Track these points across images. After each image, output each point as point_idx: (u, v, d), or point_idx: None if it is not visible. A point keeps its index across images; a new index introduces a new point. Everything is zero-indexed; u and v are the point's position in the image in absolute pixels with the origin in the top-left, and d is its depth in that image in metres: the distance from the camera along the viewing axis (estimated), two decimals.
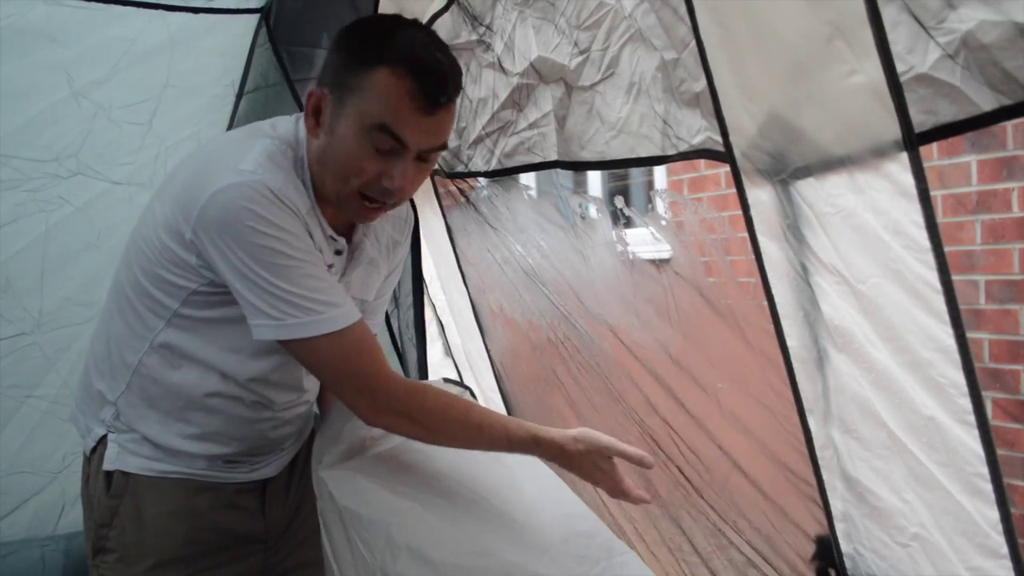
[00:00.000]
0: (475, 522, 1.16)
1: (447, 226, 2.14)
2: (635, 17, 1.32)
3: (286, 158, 1.13)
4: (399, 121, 1.09)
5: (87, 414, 1.26)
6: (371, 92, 1.08)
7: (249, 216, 1.06)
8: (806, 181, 1.08)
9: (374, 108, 1.08)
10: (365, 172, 1.11)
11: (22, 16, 1.84)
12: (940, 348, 0.96)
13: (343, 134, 1.10)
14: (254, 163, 1.09)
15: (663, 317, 1.52)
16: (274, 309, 1.08)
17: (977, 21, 0.86)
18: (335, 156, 1.12)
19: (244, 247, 1.07)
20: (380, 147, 1.10)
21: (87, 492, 1.26)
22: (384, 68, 1.07)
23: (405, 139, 1.10)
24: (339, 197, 1.15)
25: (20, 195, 1.94)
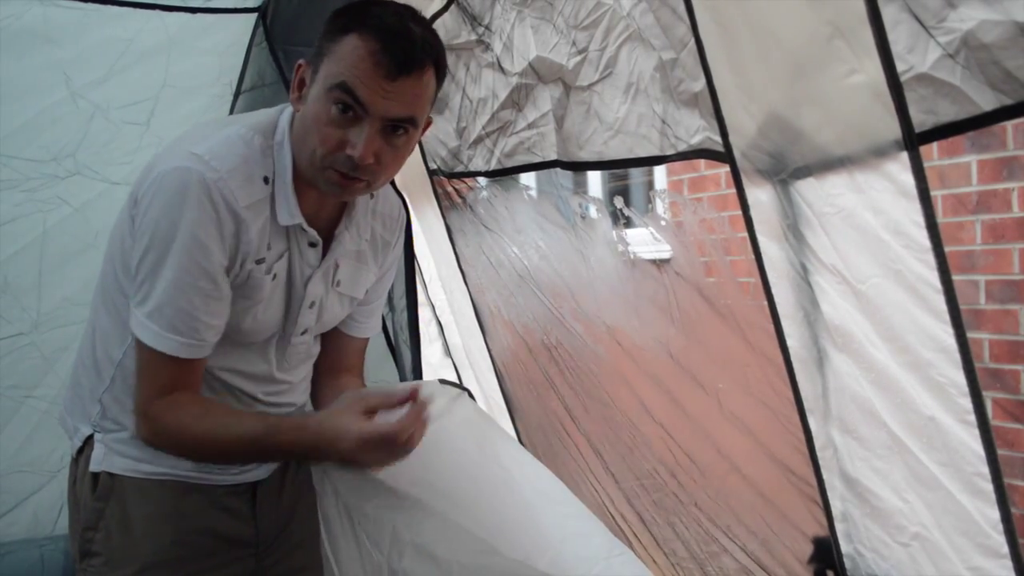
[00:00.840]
0: (477, 521, 1.16)
1: (447, 227, 2.14)
2: (633, 17, 1.32)
3: (250, 145, 1.12)
4: (359, 81, 1.07)
5: (74, 414, 1.25)
6: (338, 55, 1.08)
7: (175, 203, 1.07)
8: (806, 181, 1.08)
9: (338, 67, 1.07)
10: (328, 140, 1.09)
11: (19, 17, 1.85)
12: (940, 348, 0.96)
13: (313, 98, 1.10)
14: (206, 148, 1.09)
15: (664, 317, 1.52)
16: (137, 296, 1.11)
17: (977, 21, 0.85)
18: (305, 124, 1.11)
19: (156, 230, 1.08)
20: (340, 105, 1.07)
21: (73, 494, 1.25)
22: (354, 34, 1.07)
23: (364, 99, 1.07)
24: (313, 168, 1.13)
25: (18, 195, 1.94)
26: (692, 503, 1.59)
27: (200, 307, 1.10)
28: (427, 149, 2.04)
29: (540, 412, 2.07)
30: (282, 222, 1.15)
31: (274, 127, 1.16)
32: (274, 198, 1.15)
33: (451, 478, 1.21)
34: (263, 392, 1.27)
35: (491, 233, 1.95)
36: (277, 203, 1.15)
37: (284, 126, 1.16)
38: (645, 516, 1.74)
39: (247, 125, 1.15)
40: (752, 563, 1.48)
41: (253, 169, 1.11)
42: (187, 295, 1.09)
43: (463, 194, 2.02)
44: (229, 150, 1.10)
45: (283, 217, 1.15)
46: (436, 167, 2.03)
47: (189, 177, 1.06)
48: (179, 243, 1.07)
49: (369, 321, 1.40)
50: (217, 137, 1.12)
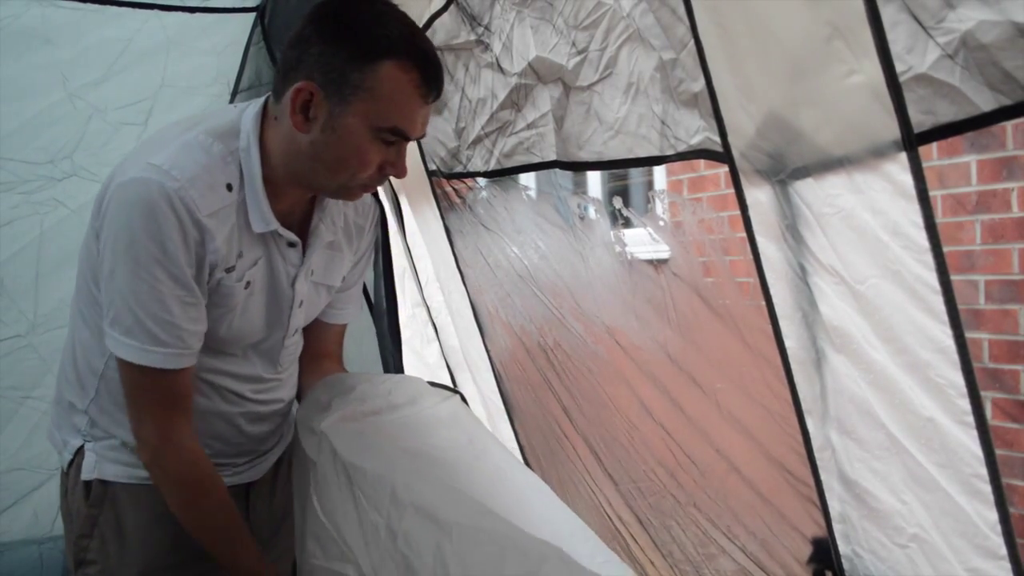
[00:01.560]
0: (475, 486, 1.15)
1: (445, 227, 2.14)
2: (633, 17, 1.31)
3: (210, 153, 1.10)
4: (410, 119, 1.10)
5: (62, 428, 1.25)
6: (381, 91, 1.07)
7: (137, 214, 1.05)
8: (805, 181, 1.08)
9: (388, 109, 1.08)
10: (370, 165, 1.11)
11: (17, 18, 1.85)
12: (939, 349, 0.96)
13: (349, 132, 1.08)
14: (164, 157, 1.07)
15: (662, 317, 1.52)
16: (109, 315, 1.09)
17: (976, 21, 0.85)
18: (337, 152, 1.10)
19: (120, 244, 1.06)
20: (387, 141, 1.10)
21: (66, 505, 1.25)
22: (389, 62, 1.06)
23: (411, 133, 1.11)
24: (336, 188, 1.14)
25: (15, 197, 1.94)
26: (691, 504, 1.59)
27: (180, 315, 1.09)
28: (426, 150, 2.03)
29: (538, 413, 2.06)
30: (256, 229, 1.14)
31: (235, 132, 1.13)
32: (243, 205, 1.13)
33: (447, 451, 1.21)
34: (251, 390, 1.26)
35: (490, 233, 1.95)
36: (249, 210, 1.13)
37: (248, 130, 1.13)
38: (643, 518, 1.74)
39: (205, 131, 1.12)
40: (751, 564, 1.48)
41: (215, 176, 1.09)
42: (165, 304, 1.07)
43: (462, 194, 2.02)
44: (188, 158, 1.08)
45: (257, 225, 1.14)
46: (435, 168, 2.03)
47: (149, 188, 1.04)
48: (146, 255, 1.05)
49: (347, 307, 1.40)
50: (175, 145, 1.09)
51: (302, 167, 1.13)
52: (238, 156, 1.12)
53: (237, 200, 1.12)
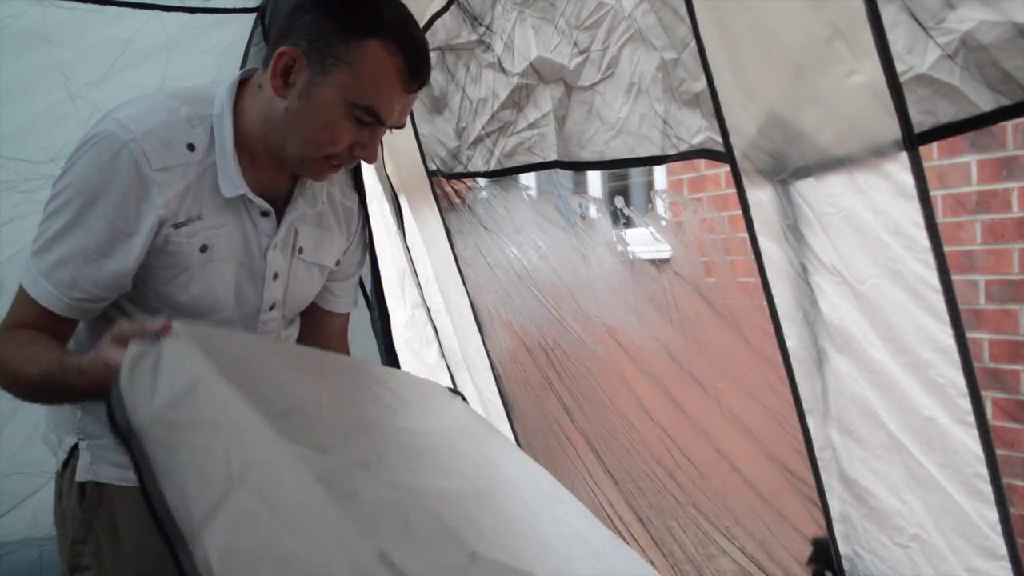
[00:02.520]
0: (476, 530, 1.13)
1: (446, 228, 2.14)
2: (635, 17, 1.31)
3: (174, 113, 1.11)
4: (386, 102, 1.08)
5: (58, 427, 1.24)
6: (363, 67, 1.06)
7: (84, 159, 1.07)
8: (806, 181, 1.08)
9: (366, 86, 1.07)
10: (340, 142, 1.11)
11: (18, 18, 1.84)
12: (940, 348, 0.96)
13: (323, 102, 1.08)
14: (126, 113, 1.09)
15: (663, 317, 1.52)
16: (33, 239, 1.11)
17: (976, 21, 0.86)
18: (309, 122, 1.10)
19: (59, 180, 1.09)
20: (361, 121, 1.09)
21: (60, 508, 1.23)
22: (376, 41, 1.06)
23: (386, 117, 1.10)
24: (302, 159, 1.13)
25: (16, 196, 1.94)
26: (690, 504, 1.59)
27: (80, 263, 1.09)
28: (427, 150, 2.03)
29: (538, 413, 2.07)
30: (226, 194, 1.14)
31: (208, 99, 1.15)
32: (212, 169, 1.13)
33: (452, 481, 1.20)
34: None
35: (490, 233, 1.95)
36: (219, 174, 1.13)
37: (223, 98, 1.14)
38: (643, 517, 1.74)
39: (174, 95, 1.15)
40: (751, 564, 1.48)
41: (173, 134, 1.10)
42: (70, 247, 1.09)
43: (462, 195, 2.02)
44: (149, 115, 1.10)
45: (227, 189, 1.14)
46: (435, 168, 2.03)
47: (99, 136, 1.08)
48: (74, 197, 1.08)
49: (347, 296, 1.39)
50: (141, 104, 1.12)
51: (275, 135, 1.13)
52: (209, 121, 1.13)
53: (200, 162, 1.12)
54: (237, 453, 0.86)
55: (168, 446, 0.84)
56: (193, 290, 1.16)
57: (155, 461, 0.84)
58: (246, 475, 0.84)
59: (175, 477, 0.83)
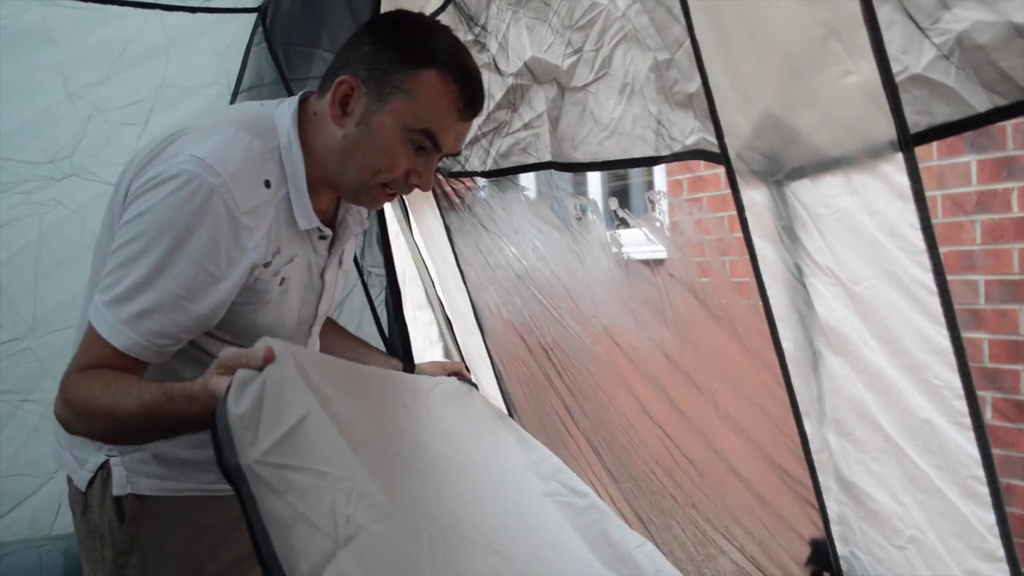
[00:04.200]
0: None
1: (446, 226, 2.14)
2: (628, 17, 1.31)
3: (250, 149, 1.10)
4: (443, 127, 1.11)
5: (79, 446, 1.22)
6: (420, 94, 1.09)
7: (175, 206, 1.03)
8: (801, 182, 1.08)
9: (423, 112, 1.09)
10: (398, 168, 1.13)
11: (18, 17, 1.85)
12: (936, 350, 0.96)
13: (381, 129, 1.10)
14: (206, 151, 1.06)
15: (659, 318, 1.51)
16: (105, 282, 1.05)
17: (971, 21, 0.85)
18: (367, 148, 1.12)
19: (149, 227, 1.04)
20: (418, 146, 1.11)
21: (88, 524, 1.22)
22: (433, 71, 1.08)
23: (443, 144, 1.13)
24: (360, 186, 1.15)
25: (14, 197, 1.95)
26: (690, 504, 1.59)
27: (168, 310, 1.06)
28: None
29: (541, 411, 2.06)
30: (302, 227, 1.16)
31: (272, 129, 1.14)
32: (284, 202, 1.13)
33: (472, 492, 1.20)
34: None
35: (489, 233, 1.95)
36: (294, 208, 1.14)
37: (288, 128, 1.14)
38: (644, 516, 1.74)
39: (241, 126, 1.12)
40: (749, 565, 1.48)
41: (254, 173, 1.10)
42: (157, 296, 1.05)
43: (461, 194, 2.02)
44: (230, 154, 1.08)
45: (302, 222, 1.15)
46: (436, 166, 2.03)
47: (184, 177, 1.04)
48: (158, 241, 1.04)
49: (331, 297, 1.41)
50: (216, 140, 1.09)
51: (333, 163, 1.14)
52: (278, 153, 1.13)
53: (276, 197, 1.12)
54: (343, 509, 0.87)
55: (276, 489, 0.86)
56: (264, 318, 1.17)
57: (262, 505, 0.85)
58: (352, 538, 0.86)
59: (282, 524, 0.85)
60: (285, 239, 1.15)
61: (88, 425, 1.09)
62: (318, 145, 1.15)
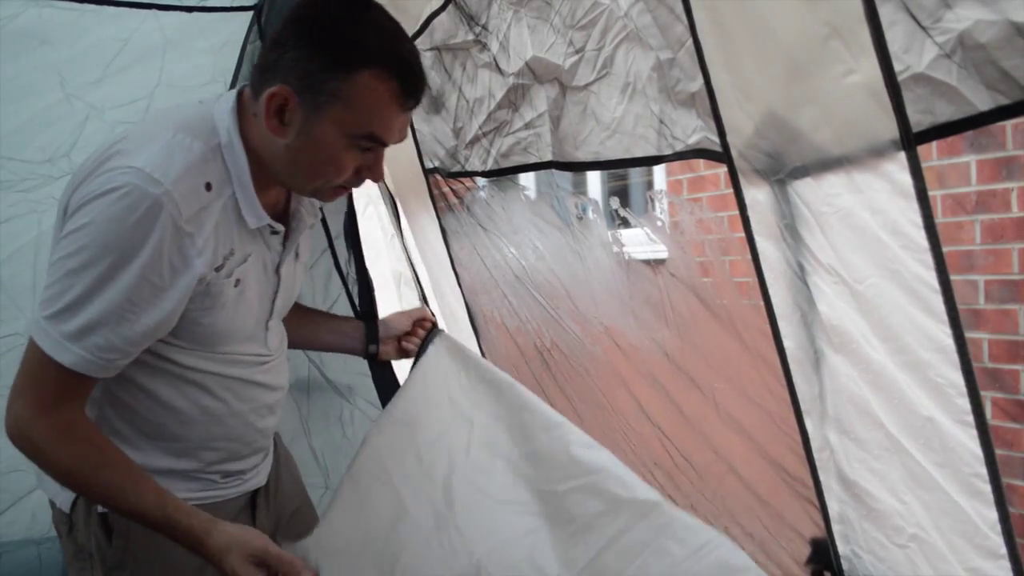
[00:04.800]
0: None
1: (442, 228, 2.14)
2: (630, 16, 1.31)
3: (190, 152, 1.07)
4: (386, 126, 1.09)
5: None
6: (358, 100, 1.05)
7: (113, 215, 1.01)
8: (803, 181, 1.08)
9: (363, 117, 1.06)
10: (347, 172, 1.11)
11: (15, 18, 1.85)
12: (938, 348, 0.96)
13: (323, 139, 1.07)
14: (145, 160, 1.03)
15: (659, 318, 1.51)
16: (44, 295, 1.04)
17: (973, 20, 0.85)
18: (312, 158, 1.09)
19: (90, 243, 1.01)
20: (364, 148, 1.10)
21: (74, 543, 1.21)
22: (367, 71, 1.04)
23: (389, 139, 1.11)
24: (313, 190, 1.14)
25: (13, 196, 1.95)
26: (689, 505, 1.58)
27: (112, 323, 1.04)
28: (424, 149, 2.03)
29: None
30: (252, 225, 1.14)
31: (210, 127, 1.11)
32: (230, 202, 1.11)
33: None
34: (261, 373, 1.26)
35: (488, 233, 1.95)
36: (242, 207, 1.12)
37: (228, 126, 1.11)
38: None
39: (179, 128, 1.09)
40: None
41: (195, 178, 1.07)
42: (100, 309, 1.03)
43: (460, 195, 2.01)
44: (169, 161, 1.04)
45: (251, 220, 1.13)
46: (434, 166, 2.02)
47: (124, 189, 1.01)
48: (101, 255, 1.02)
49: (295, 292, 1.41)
50: (154, 148, 1.05)
51: (280, 169, 1.13)
52: (220, 152, 1.10)
53: (220, 198, 1.10)
54: None
55: None
56: (222, 322, 1.16)
57: None
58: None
59: None
60: (237, 239, 1.13)
61: (51, 474, 1.11)
62: (261, 147, 1.12)
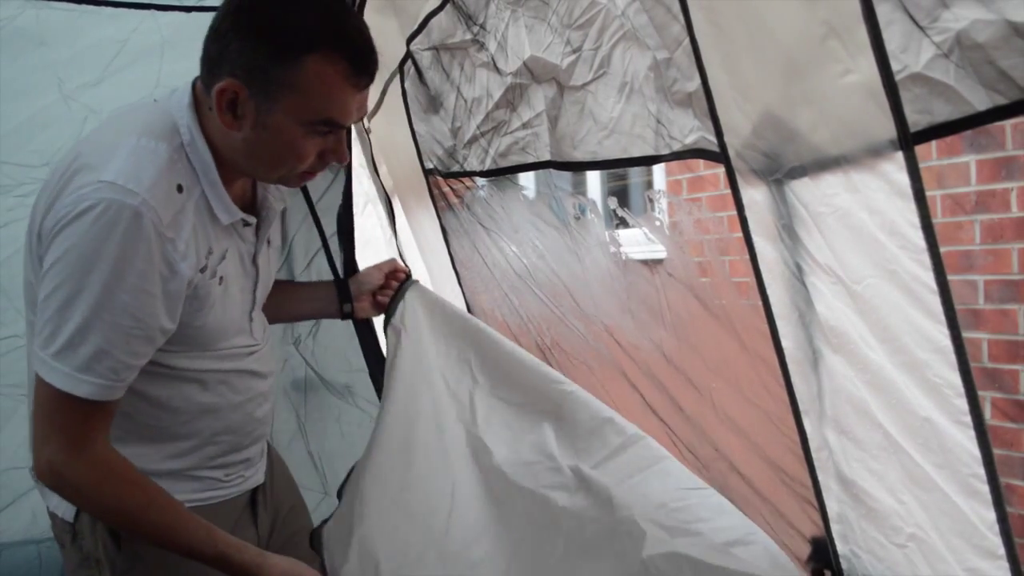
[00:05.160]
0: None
1: (442, 227, 2.13)
2: (627, 16, 1.31)
3: (157, 156, 1.04)
4: (342, 108, 1.07)
5: None
6: (308, 86, 1.03)
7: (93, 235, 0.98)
8: (801, 181, 1.07)
9: (316, 103, 1.04)
10: (308, 157, 1.09)
11: (12, 19, 1.85)
12: (936, 349, 0.95)
13: (279, 129, 1.05)
14: (115, 172, 1.00)
15: (657, 318, 1.51)
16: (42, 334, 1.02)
17: (970, 20, 0.85)
18: (271, 148, 1.08)
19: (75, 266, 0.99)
20: (323, 133, 1.08)
21: (79, 552, 1.19)
22: (313, 56, 1.02)
23: (347, 121, 1.09)
24: (277, 179, 1.13)
25: (11, 200, 1.95)
26: None
27: (121, 348, 1.03)
28: (423, 148, 2.03)
29: None
30: (224, 222, 1.12)
31: (171, 127, 1.08)
32: (201, 200, 1.09)
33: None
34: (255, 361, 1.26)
35: (488, 233, 1.95)
36: (212, 204, 1.11)
37: (188, 123, 1.08)
38: None
39: (141, 133, 1.06)
40: None
41: (168, 182, 1.04)
42: (103, 335, 1.01)
43: (460, 194, 2.01)
44: (138, 168, 1.02)
45: (223, 217, 1.12)
46: (433, 166, 2.02)
47: (100, 205, 0.98)
48: (90, 279, 0.99)
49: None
50: (120, 156, 1.02)
51: (241, 163, 1.11)
52: (184, 152, 1.08)
53: (191, 198, 1.08)
54: None
55: None
56: (212, 321, 1.15)
57: None
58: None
59: None
60: (213, 237, 1.12)
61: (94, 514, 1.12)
62: (219, 141, 1.10)
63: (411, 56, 1.90)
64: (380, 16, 1.86)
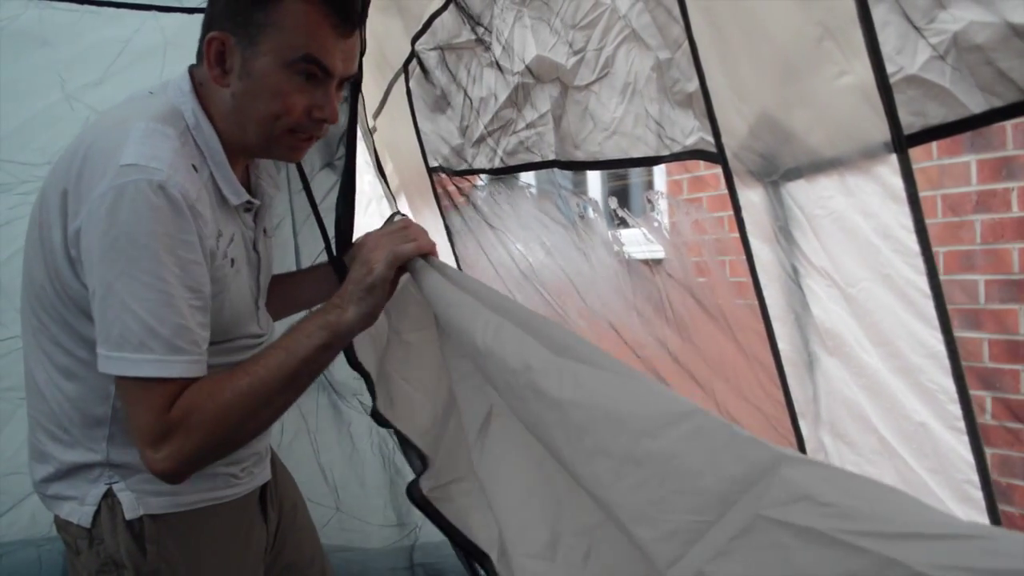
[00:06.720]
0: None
1: (446, 227, 2.14)
2: (630, 17, 1.31)
3: (168, 138, 1.04)
4: (323, 48, 1.06)
5: (73, 486, 1.18)
6: (287, 23, 1.03)
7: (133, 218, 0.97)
8: (797, 183, 1.07)
9: (296, 39, 1.04)
10: (295, 107, 1.07)
11: (15, 19, 1.85)
12: (930, 353, 0.95)
13: (263, 72, 1.05)
14: (133, 154, 1.00)
15: (660, 316, 1.51)
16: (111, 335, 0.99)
17: (967, 21, 0.84)
18: (257, 98, 1.07)
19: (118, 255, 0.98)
20: (305, 75, 1.06)
21: (99, 556, 1.15)
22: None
23: (330, 66, 1.07)
24: (268, 140, 1.10)
25: (13, 198, 1.94)
26: None
27: (191, 319, 1.02)
28: (429, 148, 2.03)
29: None
30: (233, 203, 1.12)
31: (176, 112, 1.08)
32: (210, 182, 1.09)
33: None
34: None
35: (494, 231, 1.95)
36: (221, 186, 1.10)
37: (191, 107, 1.09)
38: None
39: (149, 118, 1.06)
40: None
41: (184, 160, 1.04)
42: (178, 309, 1.00)
43: (465, 192, 2.01)
44: (155, 147, 1.02)
45: (232, 198, 1.12)
46: (438, 165, 2.02)
47: (128, 187, 0.97)
48: (151, 258, 0.98)
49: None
50: (134, 140, 1.01)
51: (234, 127, 1.10)
52: (190, 136, 1.09)
53: (203, 179, 1.08)
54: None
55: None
56: (228, 304, 1.14)
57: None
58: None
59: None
60: (221, 220, 1.11)
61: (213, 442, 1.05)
62: (217, 114, 1.10)
63: (416, 56, 1.90)
64: (384, 16, 1.86)
